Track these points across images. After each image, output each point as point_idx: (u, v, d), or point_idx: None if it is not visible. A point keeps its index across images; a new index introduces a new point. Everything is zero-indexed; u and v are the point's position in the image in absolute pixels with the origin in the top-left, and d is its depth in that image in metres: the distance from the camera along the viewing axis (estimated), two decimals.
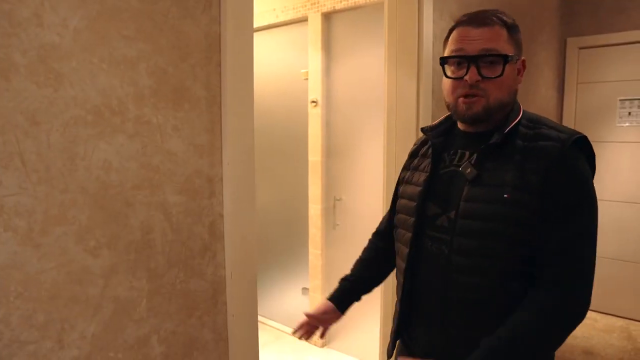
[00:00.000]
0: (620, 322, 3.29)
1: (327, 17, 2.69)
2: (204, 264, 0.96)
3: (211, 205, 0.96)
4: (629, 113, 3.24)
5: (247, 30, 0.98)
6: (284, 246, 3.07)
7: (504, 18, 0.95)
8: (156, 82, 0.84)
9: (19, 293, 0.69)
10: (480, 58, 0.91)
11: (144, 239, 0.85)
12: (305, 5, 2.72)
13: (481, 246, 0.92)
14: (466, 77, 0.92)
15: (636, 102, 3.21)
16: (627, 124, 3.26)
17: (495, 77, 0.91)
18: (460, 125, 1.05)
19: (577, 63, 3.44)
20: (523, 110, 0.99)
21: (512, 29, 0.96)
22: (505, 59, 0.91)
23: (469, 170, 0.95)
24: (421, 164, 1.09)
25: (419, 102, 1.65)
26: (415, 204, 1.03)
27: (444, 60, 0.97)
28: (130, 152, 0.81)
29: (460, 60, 0.93)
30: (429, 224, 1.00)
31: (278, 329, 3.07)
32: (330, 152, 2.77)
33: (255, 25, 3.03)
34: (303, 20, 2.78)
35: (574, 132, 0.92)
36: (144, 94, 0.83)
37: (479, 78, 0.92)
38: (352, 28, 2.62)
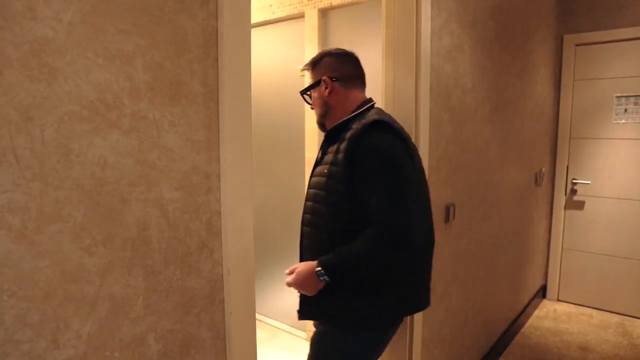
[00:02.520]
0: (615, 318, 3.30)
1: (324, 13, 2.67)
2: (201, 261, 0.95)
3: (208, 202, 0.95)
4: (625, 110, 3.25)
5: (244, 25, 0.97)
6: (280, 243, 3.06)
7: (313, 59, 1.44)
8: (152, 77, 0.83)
9: (12, 292, 0.68)
10: None
11: (140, 235, 0.84)
12: (302, 1, 2.71)
13: (313, 207, 1.35)
14: None
15: (632, 99, 3.22)
16: (623, 121, 3.27)
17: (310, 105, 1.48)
18: None
19: (573, 60, 3.44)
20: (372, 110, 1.36)
21: (314, 65, 1.43)
22: (303, 92, 1.47)
23: (319, 154, 1.43)
24: None
25: (417, 100, 1.64)
26: None
27: None
28: (126, 148, 0.80)
29: None
30: None
31: (275, 327, 3.07)
32: None
33: (252, 21, 3.01)
34: (300, 16, 2.76)
35: (370, 119, 1.25)
36: (140, 89, 0.81)
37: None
38: (349, 24, 2.61)
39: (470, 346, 2.42)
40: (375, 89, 2.54)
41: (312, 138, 2.73)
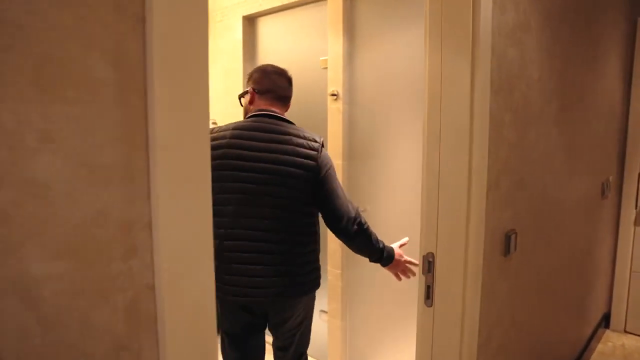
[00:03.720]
0: None
1: None
2: None
3: (130, 272, 0.54)
4: None
5: None
6: None
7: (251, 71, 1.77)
8: None
9: None
10: None
11: None
12: None
13: None
14: None
15: None
16: None
17: None
18: None
19: None
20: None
21: (250, 76, 1.75)
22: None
23: None
24: None
25: (473, 94, 1.20)
26: None
27: None
28: None
29: None
30: None
31: None
32: (352, 154, 2.34)
33: (268, 6, 2.62)
34: None
35: None
36: None
37: None
38: (380, 6, 2.17)
39: None
40: (412, 82, 2.10)
41: (336, 141, 2.31)
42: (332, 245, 2.41)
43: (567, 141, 2.04)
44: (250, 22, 2.82)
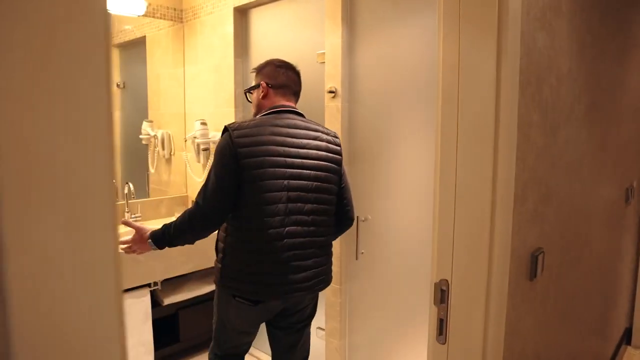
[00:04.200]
0: None
1: None
2: None
3: None
4: None
5: None
6: None
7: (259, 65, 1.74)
8: None
9: None
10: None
11: None
12: None
13: None
14: None
15: None
16: None
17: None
18: None
19: None
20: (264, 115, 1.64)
21: (259, 70, 1.71)
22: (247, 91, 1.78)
23: None
24: None
25: (499, 86, 0.97)
26: None
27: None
28: None
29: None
30: None
31: None
32: (353, 158, 2.12)
33: None
34: None
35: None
36: None
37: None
38: None
39: None
40: (418, 78, 1.86)
41: None
42: None
43: (595, 144, 1.81)
44: (241, 13, 2.60)
